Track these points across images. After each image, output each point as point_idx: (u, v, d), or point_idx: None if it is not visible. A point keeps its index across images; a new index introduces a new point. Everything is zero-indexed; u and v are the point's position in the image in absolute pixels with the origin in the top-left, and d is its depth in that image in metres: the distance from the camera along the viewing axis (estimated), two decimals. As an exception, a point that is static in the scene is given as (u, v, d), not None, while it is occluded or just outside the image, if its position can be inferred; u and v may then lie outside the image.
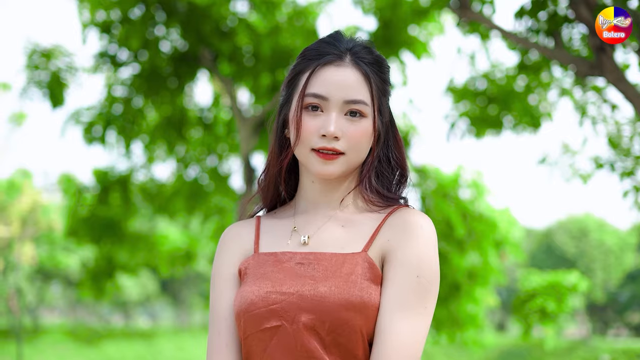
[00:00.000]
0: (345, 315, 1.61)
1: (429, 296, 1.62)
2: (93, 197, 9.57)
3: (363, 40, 1.82)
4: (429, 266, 1.63)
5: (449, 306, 7.46)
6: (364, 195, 1.78)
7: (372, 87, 1.74)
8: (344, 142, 1.72)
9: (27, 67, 8.82)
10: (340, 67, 1.74)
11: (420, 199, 8.11)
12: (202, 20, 7.85)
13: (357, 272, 1.64)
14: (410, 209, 1.71)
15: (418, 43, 7.75)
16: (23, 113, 27.33)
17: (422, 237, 1.65)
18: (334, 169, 1.73)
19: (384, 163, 1.81)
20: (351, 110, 1.72)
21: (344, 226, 1.75)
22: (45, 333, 35.79)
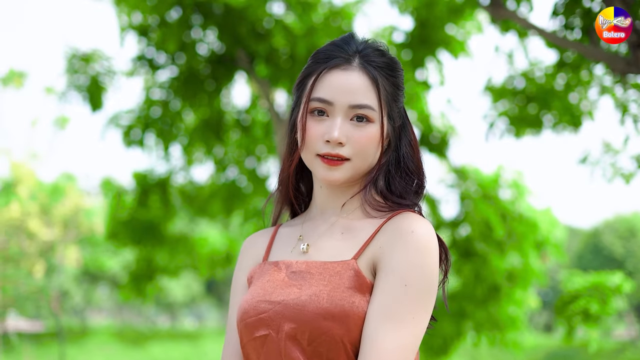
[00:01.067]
0: (324, 324, 1.58)
1: (418, 306, 1.55)
2: (133, 199, 9.63)
3: (376, 42, 1.77)
4: (418, 274, 1.56)
5: (489, 308, 7.37)
6: (368, 201, 1.73)
7: (380, 92, 1.69)
8: (349, 147, 1.67)
9: (67, 71, 8.92)
10: (347, 71, 1.69)
11: (460, 200, 8.03)
12: (239, 22, 7.85)
13: (341, 280, 1.59)
14: (409, 214, 1.65)
15: (455, 42, 7.67)
16: (66, 117, 27.69)
17: (413, 243, 1.58)
18: (339, 175, 1.69)
19: (396, 169, 1.75)
20: (357, 115, 1.68)
21: (343, 233, 1.71)
22: (92, 334, 36.23)
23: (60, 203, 27.73)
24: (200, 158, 9.66)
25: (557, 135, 7.39)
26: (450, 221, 7.84)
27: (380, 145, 1.70)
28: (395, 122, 1.74)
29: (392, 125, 1.74)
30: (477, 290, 7.32)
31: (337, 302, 1.57)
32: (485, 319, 7.38)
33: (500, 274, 7.35)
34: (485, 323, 7.37)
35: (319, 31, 7.58)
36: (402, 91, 1.77)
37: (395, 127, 1.75)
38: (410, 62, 7.67)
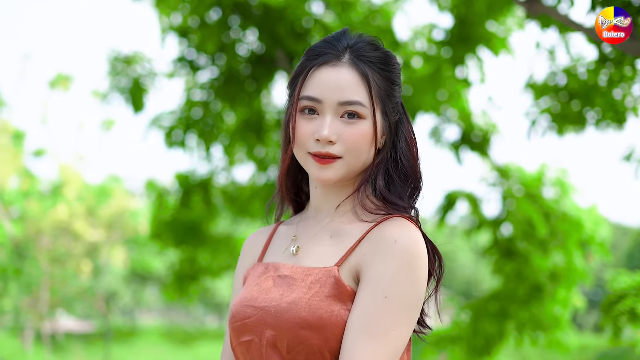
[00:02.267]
0: (302, 334, 1.55)
1: (398, 319, 1.52)
2: (176, 200, 9.70)
3: (369, 37, 1.74)
4: (400, 286, 1.52)
5: (532, 308, 7.27)
6: (362, 204, 1.68)
7: (372, 87, 1.65)
8: (341, 145, 1.64)
9: (110, 74, 9.02)
10: (336, 67, 1.66)
11: (502, 199, 7.95)
12: (278, 23, 7.86)
13: (322, 288, 1.57)
14: (397, 221, 1.60)
15: (496, 39, 7.58)
16: (111, 120, 28.01)
17: (395, 253, 1.54)
18: (331, 174, 1.65)
19: (394, 168, 1.71)
20: (347, 112, 1.64)
21: (332, 237, 1.68)
22: (141, 335, 36.62)
23: (107, 205, 28.08)
24: (242, 159, 9.68)
25: (601, 133, 7.25)
26: (492, 220, 7.76)
27: (374, 143, 1.66)
28: (390, 118, 1.69)
29: (387, 121, 1.70)
30: (519, 290, 7.23)
31: (315, 311, 1.54)
32: (527, 319, 7.29)
33: (543, 273, 7.25)
34: (527, 323, 7.28)
35: (357, 30, 7.54)
36: (397, 86, 1.72)
37: (391, 123, 1.70)
38: (451, 59, 7.60)
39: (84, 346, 29.92)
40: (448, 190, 7.90)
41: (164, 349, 33.47)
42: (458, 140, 8.60)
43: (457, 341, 7.68)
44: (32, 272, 27.09)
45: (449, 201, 7.85)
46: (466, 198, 7.89)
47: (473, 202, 7.90)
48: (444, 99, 8.09)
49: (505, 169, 8.21)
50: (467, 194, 7.90)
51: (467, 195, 7.90)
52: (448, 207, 7.87)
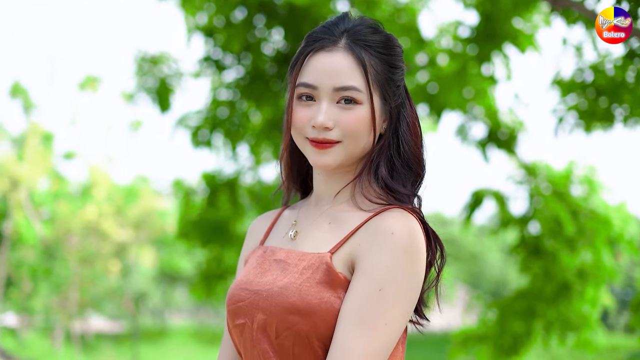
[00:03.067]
0: (290, 319, 1.55)
1: (392, 311, 1.51)
2: (202, 200, 9.74)
3: (369, 20, 1.73)
4: (394, 279, 1.52)
5: (559, 306, 7.21)
6: (363, 191, 1.67)
7: (368, 71, 1.63)
8: (338, 131, 1.64)
9: (136, 74, 9.09)
10: (332, 52, 1.65)
11: (529, 197, 7.89)
12: (302, 21, 7.86)
13: (313, 274, 1.57)
14: (396, 212, 1.59)
15: (523, 36, 7.52)
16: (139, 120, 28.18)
17: (391, 245, 1.53)
18: (330, 159, 1.65)
19: (397, 154, 1.69)
20: (344, 97, 1.63)
21: (331, 223, 1.68)
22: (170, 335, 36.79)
23: (135, 205, 28.28)
24: (268, 157, 9.70)
25: (630, 130, 7.17)
26: (519, 218, 7.70)
27: (372, 127, 1.64)
28: (391, 103, 1.67)
29: (388, 105, 1.68)
30: (547, 289, 7.17)
31: (305, 296, 1.54)
32: (555, 318, 7.22)
33: (571, 271, 7.18)
34: (555, 322, 7.22)
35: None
36: (398, 69, 1.71)
37: (392, 107, 1.68)
38: (476, 57, 7.56)
39: (113, 346, 30.10)
40: (475, 189, 7.85)
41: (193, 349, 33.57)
42: (484, 138, 8.55)
43: (484, 340, 7.62)
44: (62, 272, 27.33)
45: (475, 199, 7.81)
46: (493, 196, 7.84)
47: (500, 200, 7.85)
48: (470, 96, 8.05)
49: (532, 167, 8.15)
50: (493, 192, 7.85)
51: (494, 193, 7.84)
52: (475, 205, 7.82)
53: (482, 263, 47.61)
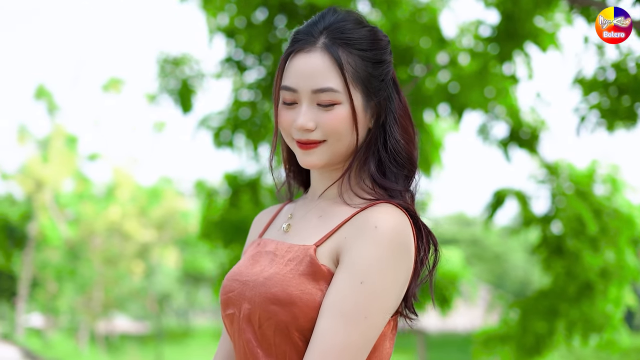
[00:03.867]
0: (271, 309, 1.57)
1: (373, 305, 1.51)
2: (225, 200, 9.78)
3: (352, 14, 1.71)
4: (377, 272, 1.52)
5: (582, 306, 7.17)
6: (352, 187, 1.69)
7: (345, 70, 1.63)
8: (320, 131, 1.65)
9: (159, 76, 9.14)
10: (309, 54, 1.65)
11: (551, 196, 7.86)
12: (323, 22, 7.88)
13: (297, 266, 1.58)
14: (383, 207, 1.59)
15: (544, 35, 7.49)
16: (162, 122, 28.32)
17: (374, 239, 1.53)
18: (315, 159, 1.67)
19: (383, 148, 1.69)
20: (321, 99, 1.63)
21: (321, 217, 1.69)
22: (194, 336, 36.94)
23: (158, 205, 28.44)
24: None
25: (653, 129, 7.12)
26: (542, 217, 7.67)
27: (354, 125, 1.64)
28: (375, 98, 1.67)
29: (373, 101, 1.67)
30: (569, 288, 7.14)
31: (286, 287, 1.56)
32: (577, 318, 7.19)
33: (594, 271, 7.14)
34: (578, 321, 7.18)
35: (402, 27, 7.53)
36: (382, 63, 1.70)
37: (378, 102, 1.68)
38: (497, 56, 7.55)
39: (137, 347, 30.27)
40: (496, 188, 7.83)
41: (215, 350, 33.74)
42: (506, 138, 8.53)
43: (506, 340, 7.60)
44: (86, 272, 27.54)
45: (497, 199, 7.79)
46: (515, 196, 7.81)
47: (522, 200, 7.82)
48: (491, 96, 8.03)
49: (554, 166, 8.11)
50: (515, 192, 7.82)
51: (516, 193, 7.82)
52: (496, 205, 7.80)
53: (506, 263, 47.41)
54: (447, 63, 8.07)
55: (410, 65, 8.18)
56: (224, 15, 8.13)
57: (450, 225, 58.52)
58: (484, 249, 48.20)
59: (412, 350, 31.53)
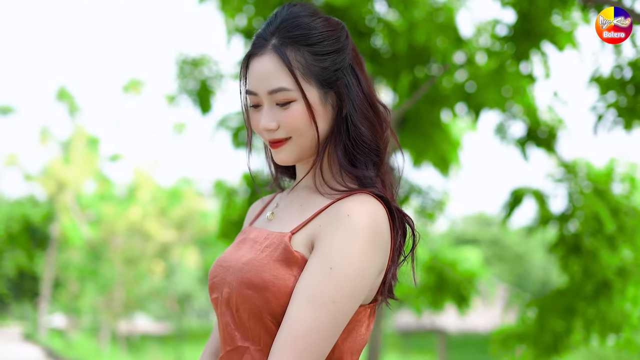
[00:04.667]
0: (245, 292, 1.62)
1: (341, 290, 1.55)
2: (243, 200, 9.83)
3: (301, 9, 1.75)
4: (346, 259, 1.56)
5: (599, 305, 7.16)
6: (322, 177, 1.75)
7: (294, 68, 1.68)
8: (283, 129, 1.71)
9: (178, 77, 9.21)
10: (261, 57, 1.71)
11: (568, 195, 7.85)
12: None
13: (273, 252, 1.64)
14: (357, 196, 1.65)
15: (562, 34, 7.49)
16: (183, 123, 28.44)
17: (345, 227, 1.58)
18: (285, 155, 1.74)
19: (346, 136, 1.74)
20: (277, 98, 1.69)
21: (302, 205, 1.75)
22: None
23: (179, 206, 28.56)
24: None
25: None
26: (559, 216, 7.67)
27: (312, 119, 1.70)
28: (332, 88, 1.72)
29: (330, 92, 1.72)
30: (587, 287, 7.13)
31: (260, 272, 1.61)
32: (595, 316, 7.18)
33: (611, 269, 7.13)
34: (595, 320, 7.17)
35: (420, 27, 7.56)
36: (335, 53, 1.73)
37: (336, 92, 1.73)
38: (514, 55, 7.56)
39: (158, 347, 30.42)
40: (514, 187, 7.84)
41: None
42: (523, 136, 8.53)
43: (524, 339, 7.60)
44: (107, 272, 27.72)
45: (515, 198, 7.79)
46: (532, 194, 7.81)
47: (539, 199, 7.82)
48: (508, 95, 8.03)
49: (572, 165, 8.10)
50: (533, 191, 7.82)
51: (534, 192, 7.81)
52: (514, 204, 7.80)
53: (527, 264, 47.24)
54: (464, 62, 8.09)
55: (427, 64, 8.21)
56: (241, 16, 8.18)
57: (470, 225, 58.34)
58: (504, 249, 48.05)
59: (432, 350, 31.49)
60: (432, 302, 9.53)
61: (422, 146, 8.88)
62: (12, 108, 37.92)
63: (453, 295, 9.46)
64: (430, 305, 9.62)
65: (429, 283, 9.55)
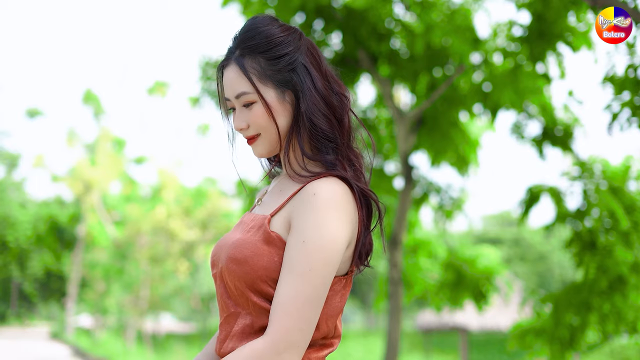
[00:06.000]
0: (231, 267, 1.89)
1: (315, 260, 1.78)
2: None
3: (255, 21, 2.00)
4: (316, 232, 1.79)
5: (614, 300, 7.27)
6: (290, 165, 2.00)
7: (250, 74, 1.95)
8: (252, 128, 1.98)
9: (200, 79, 9.42)
10: (228, 68, 2.00)
11: (584, 193, 7.94)
12: (360, 24, 8.06)
13: (256, 232, 1.89)
14: (322, 179, 1.87)
15: (577, 34, 7.60)
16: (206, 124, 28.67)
17: (313, 204, 1.82)
18: (259, 150, 2.01)
19: (304, 128, 1.97)
20: (242, 102, 1.96)
21: (281, 191, 2.01)
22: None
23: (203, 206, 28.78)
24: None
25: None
26: (574, 213, 7.76)
27: (271, 116, 1.95)
28: (288, 87, 1.97)
29: (287, 90, 1.97)
30: (601, 282, 7.23)
31: (243, 249, 1.87)
32: (609, 311, 7.28)
33: (626, 265, 7.23)
34: (610, 315, 7.28)
35: (437, 29, 7.70)
36: (286, 56, 1.98)
37: (292, 90, 1.97)
38: (529, 56, 7.68)
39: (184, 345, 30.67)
40: (530, 185, 7.95)
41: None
42: (539, 135, 8.64)
43: (540, 334, 7.71)
44: (133, 271, 27.99)
45: (531, 195, 7.89)
46: (548, 192, 7.91)
47: (556, 197, 7.92)
48: (524, 94, 8.14)
49: (589, 163, 8.18)
50: (549, 188, 7.91)
51: (549, 189, 7.91)
52: (531, 202, 7.91)
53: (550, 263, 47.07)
54: (480, 63, 8.22)
55: (445, 65, 8.36)
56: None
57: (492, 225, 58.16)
58: (527, 248, 47.92)
59: (454, 349, 31.52)
60: (450, 299, 9.68)
61: (440, 146, 9.03)
62: (40, 111, 38.42)
63: (471, 292, 9.60)
64: (449, 302, 9.76)
65: (447, 280, 9.69)
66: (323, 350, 1.92)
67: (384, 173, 9.90)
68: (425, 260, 10.45)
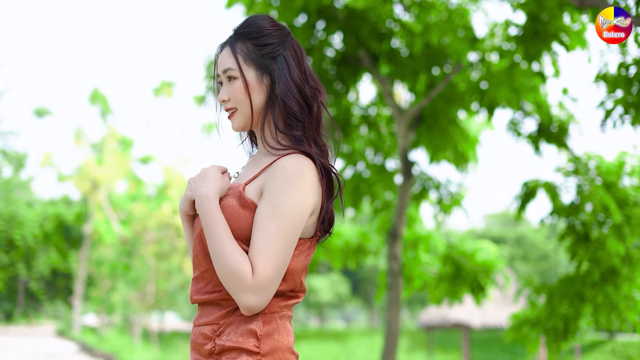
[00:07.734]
0: None
1: (282, 220, 2.08)
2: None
3: (252, 17, 2.33)
4: (284, 198, 2.09)
5: (606, 290, 7.45)
6: (265, 141, 2.28)
7: (237, 54, 2.26)
8: (232, 101, 2.27)
9: (205, 78, 9.61)
10: (223, 49, 2.31)
11: (576, 187, 8.08)
12: (361, 25, 8.25)
13: (233, 198, 2.18)
14: (292, 154, 2.16)
15: (571, 33, 7.76)
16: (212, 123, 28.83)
17: (282, 175, 2.11)
18: (235, 124, 2.30)
19: (278, 108, 2.26)
20: (227, 76, 2.27)
21: (255, 165, 2.29)
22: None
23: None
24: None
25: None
26: (568, 207, 7.91)
27: (247, 92, 2.25)
28: (266, 71, 2.26)
29: (265, 73, 2.26)
30: (595, 274, 7.40)
31: (224, 212, 2.16)
32: (602, 302, 7.45)
33: (618, 257, 7.39)
34: (602, 305, 7.45)
35: (435, 29, 7.89)
36: (269, 46, 2.28)
37: (270, 74, 2.26)
38: (524, 55, 7.86)
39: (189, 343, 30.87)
40: (525, 180, 8.08)
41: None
42: (535, 132, 8.82)
43: (536, 325, 7.85)
44: (139, 267, 28.18)
45: (527, 190, 8.01)
46: (544, 187, 8.02)
47: (551, 191, 8.03)
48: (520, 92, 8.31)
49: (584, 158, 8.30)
50: (545, 183, 8.02)
51: (545, 185, 8.02)
52: (527, 197, 8.03)
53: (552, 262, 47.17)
54: (477, 61, 8.41)
55: (443, 64, 8.56)
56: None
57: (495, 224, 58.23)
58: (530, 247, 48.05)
59: (456, 348, 31.68)
60: (449, 292, 9.87)
61: (439, 142, 9.24)
62: (48, 110, 38.68)
63: (470, 285, 9.79)
64: (447, 295, 9.94)
65: (445, 273, 9.90)
66: (290, 300, 2.20)
67: (385, 169, 10.10)
68: (425, 254, 10.65)
